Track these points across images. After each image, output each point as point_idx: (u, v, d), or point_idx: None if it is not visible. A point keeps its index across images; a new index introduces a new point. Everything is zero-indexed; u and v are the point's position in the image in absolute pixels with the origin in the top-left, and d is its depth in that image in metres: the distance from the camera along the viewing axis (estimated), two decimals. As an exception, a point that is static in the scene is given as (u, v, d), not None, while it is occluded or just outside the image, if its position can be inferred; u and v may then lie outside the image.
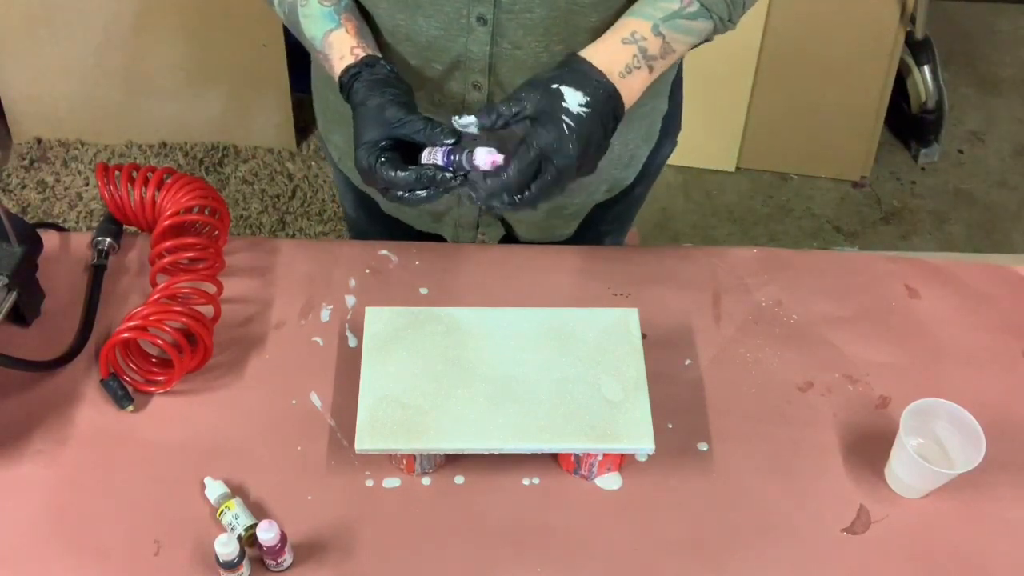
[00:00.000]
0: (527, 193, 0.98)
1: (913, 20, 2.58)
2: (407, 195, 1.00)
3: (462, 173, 0.98)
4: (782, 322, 1.26)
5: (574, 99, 0.98)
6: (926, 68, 2.69)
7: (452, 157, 0.98)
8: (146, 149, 2.64)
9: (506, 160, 0.97)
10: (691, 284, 1.29)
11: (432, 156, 0.99)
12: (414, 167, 0.99)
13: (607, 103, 1.00)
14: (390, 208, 1.40)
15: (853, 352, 1.23)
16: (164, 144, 2.64)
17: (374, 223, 1.44)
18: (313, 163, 2.64)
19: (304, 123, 2.70)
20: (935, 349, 1.24)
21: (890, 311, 1.28)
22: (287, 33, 2.45)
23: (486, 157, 0.97)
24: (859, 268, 1.33)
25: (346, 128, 1.26)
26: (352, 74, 1.04)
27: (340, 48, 1.05)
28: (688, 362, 1.21)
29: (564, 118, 0.97)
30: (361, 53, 1.05)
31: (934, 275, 1.32)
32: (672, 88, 1.33)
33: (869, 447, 1.14)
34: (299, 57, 2.64)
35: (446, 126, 1.00)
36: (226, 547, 0.97)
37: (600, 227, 1.43)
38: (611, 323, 1.13)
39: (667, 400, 1.15)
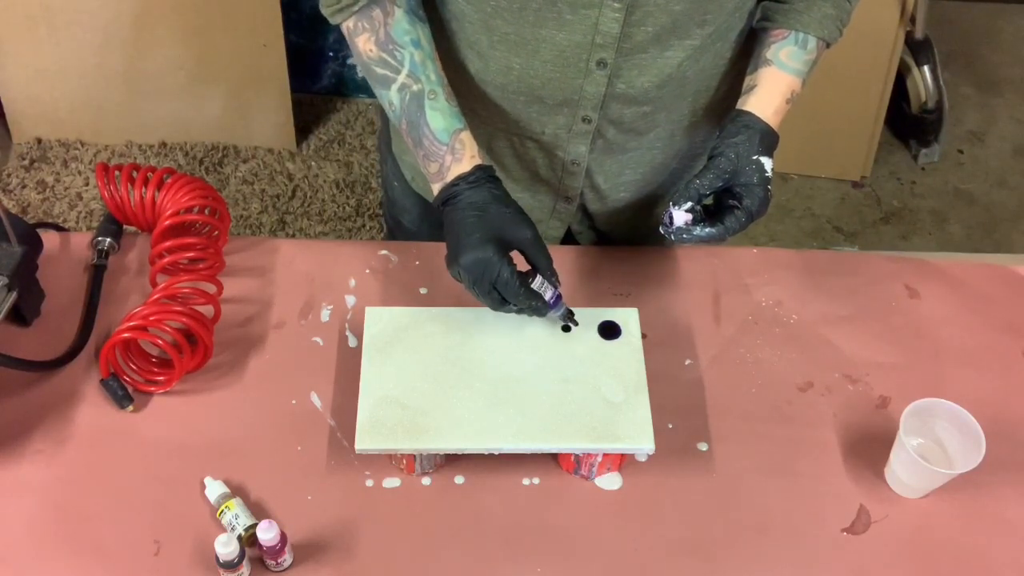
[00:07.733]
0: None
1: (913, 20, 2.58)
2: (507, 306, 1.08)
3: (562, 312, 1.11)
4: (782, 322, 1.26)
5: (769, 165, 1.11)
6: (926, 68, 2.69)
7: (560, 303, 1.10)
8: (146, 149, 2.64)
9: (718, 223, 1.11)
10: (691, 284, 1.29)
11: (543, 288, 1.08)
12: (529, 297, 1.07)
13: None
14: None
15: (853, 352, 1.23)
16: (164, 144, 2.64)
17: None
18: (313, 163, 2.64)
19: (304, 123, 2.70)
20: (935, 349, 1.24)
21: (890, 311, 1.28)
22: (287, 33, 2.45)
23: (684, 216, 1.11)
24: (859, 268, 1.33)
25: None
26: (489, 175, 1.08)
27: (471, 148, 1.09)
28: (688, 362, 1.21)
29: (768, 186, 1.11)
30: (483, 160, 1.09)
31: (934, 275, 1.32)
32: None
33: (869, 447, 1.14)
34: (299, 57, 2.65)
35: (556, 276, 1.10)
36: (226, 547, 0.97)
37: None
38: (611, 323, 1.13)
39: (667, 400, 1.15)
